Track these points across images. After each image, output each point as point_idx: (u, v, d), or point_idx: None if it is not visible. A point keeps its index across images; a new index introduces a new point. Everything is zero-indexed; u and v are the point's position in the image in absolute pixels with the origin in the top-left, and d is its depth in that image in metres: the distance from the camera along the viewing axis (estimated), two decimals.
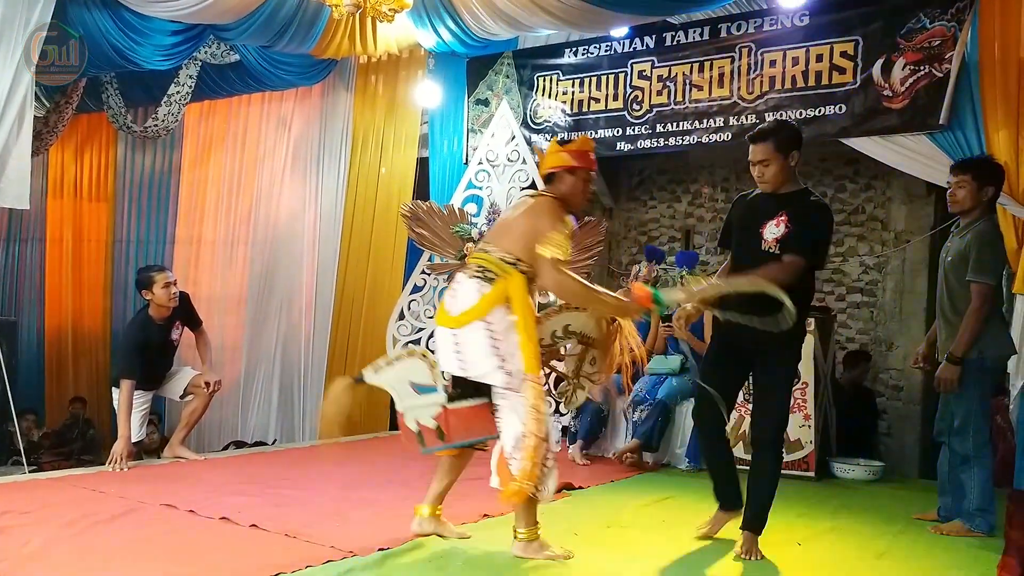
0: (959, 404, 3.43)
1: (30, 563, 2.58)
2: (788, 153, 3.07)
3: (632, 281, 5.30)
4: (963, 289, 3.41)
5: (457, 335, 2.81)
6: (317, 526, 3.11)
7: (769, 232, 3.05)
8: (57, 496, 3.55)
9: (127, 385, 4.30)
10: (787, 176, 3.10)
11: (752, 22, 5.58)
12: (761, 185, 3.15)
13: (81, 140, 8.39)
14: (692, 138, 5.81)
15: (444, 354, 2.88)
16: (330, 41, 6.06)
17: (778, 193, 3.11)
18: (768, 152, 3.07)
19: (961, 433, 3.42)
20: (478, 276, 2.83)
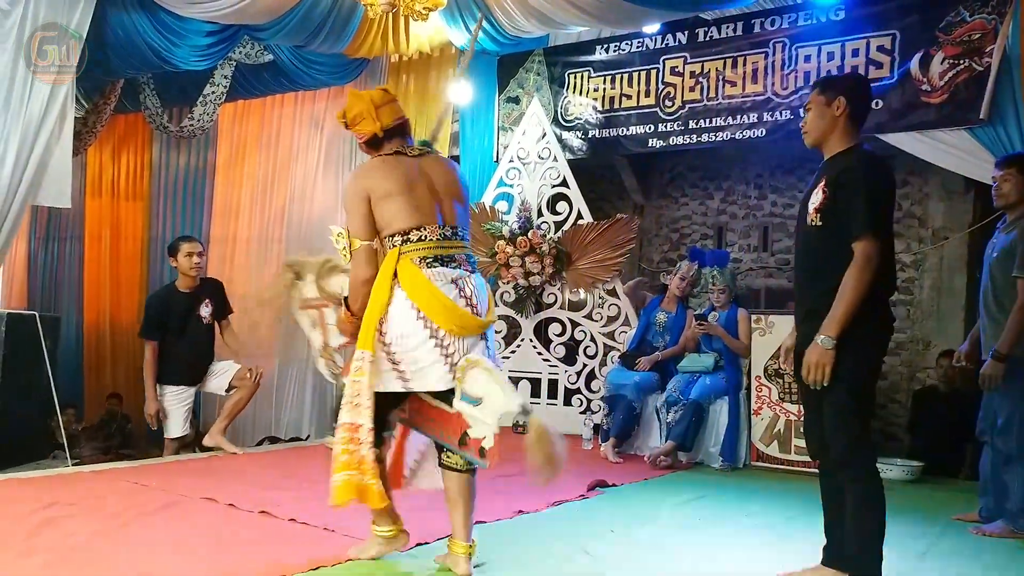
0: (1003, 402, 3.38)
1: (76, 554, 2.63)
2: (832, 100, 2.56)
3: (672, 279, 5.31)
4: (1009, 285, 3.36)
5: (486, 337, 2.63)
6: (355, 520, 3.13)
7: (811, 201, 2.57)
8: (101, 489, 3.62)
9: (150, 347, 4.47)
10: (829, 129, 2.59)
11: (786, 17, 5.53)
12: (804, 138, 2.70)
13: (118, 140, 8.54)
14: (725, 134, 5.77)
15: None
16: (363, 40, 6.11)
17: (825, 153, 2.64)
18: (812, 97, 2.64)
19: (1005, 432, 3.37)
20: (476, 268, 2.69)
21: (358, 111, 2.65)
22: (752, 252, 7.00)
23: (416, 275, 2.50)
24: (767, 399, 4.78)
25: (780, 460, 4.70)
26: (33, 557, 2.56)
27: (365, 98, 2.67)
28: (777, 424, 4.73)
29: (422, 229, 2.55)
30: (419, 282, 2.49)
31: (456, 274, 2.55)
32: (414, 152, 2.67)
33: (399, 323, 2.50)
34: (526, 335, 6.13)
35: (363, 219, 2.57)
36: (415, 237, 2.55)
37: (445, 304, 2.49)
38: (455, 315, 2.50)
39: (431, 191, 2.61)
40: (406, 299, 2.50)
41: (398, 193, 2.55)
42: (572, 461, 4.32)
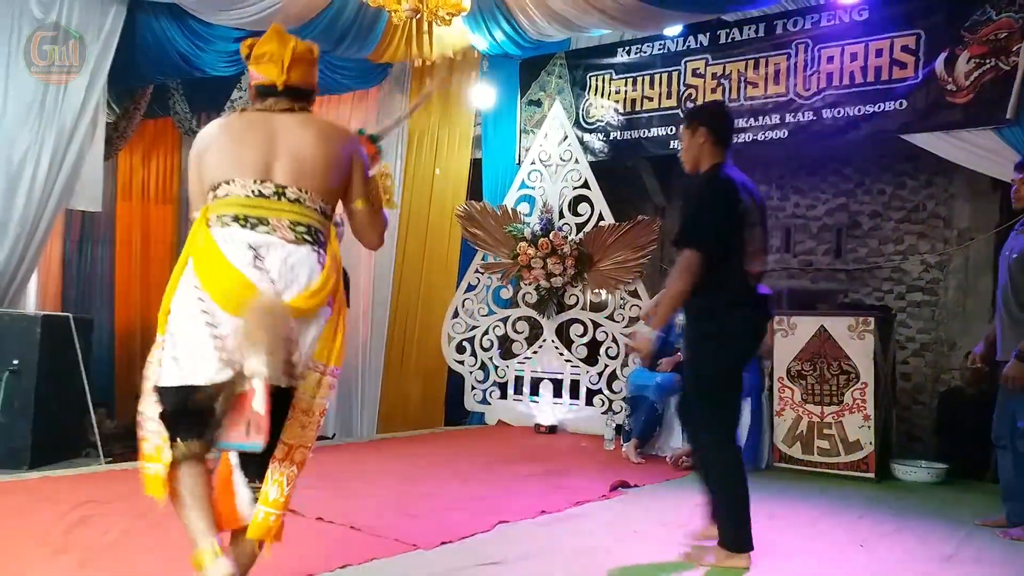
0: (1023, 404, 3.36)
1: (110, 552, 2.69)
2: (695, 130, 2.92)
3: None
4: None
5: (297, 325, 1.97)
6: (381, 519, 3.19)
7: None
8: (132, 487, 3.67)
9: None
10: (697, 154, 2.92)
11: (809, 18, 5.52)
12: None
13: (148, 145, 8.68)
14: (747, 136, 5.77)
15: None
16: (387, 45, 6.18)
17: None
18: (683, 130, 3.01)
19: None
20: (309, 241, 2.05)
21: (268, 50, 2.12)
22: (774, 253, 6.98)
23: (202, 234, 1.99)
24: (790, 400, 4.78)
25: (802, 461, 4.70)
26: (68, 554, 2.63)
27: (287, 42, 2.13)
28: (800, 425, 4.73)
29: (231, 183, 2.01)
30: (203, 244, 1.98)
31: (261, 239, 1.97)
32: (276, 107, 2.12)
33: (178, 300, 1.99)
34: (548, 336, 6.17)
35: (194, 184, 2.10)
36: (222, 192, 2.02)
37: (223, 270, 1.93)
38: (233, 286, 1.92)
39: (265, 144, 2.04)
40: (190, 268, 1.99)
41: (220, 145, 2.07)
42: (595, 461, 4.34)
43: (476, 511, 3.38)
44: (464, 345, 6.35)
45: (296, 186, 2.04)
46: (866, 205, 6.66)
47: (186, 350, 1.96)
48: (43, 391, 4.36)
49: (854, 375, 4.60)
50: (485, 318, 6.36)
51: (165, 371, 2.00)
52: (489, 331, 6.33)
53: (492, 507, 3.47)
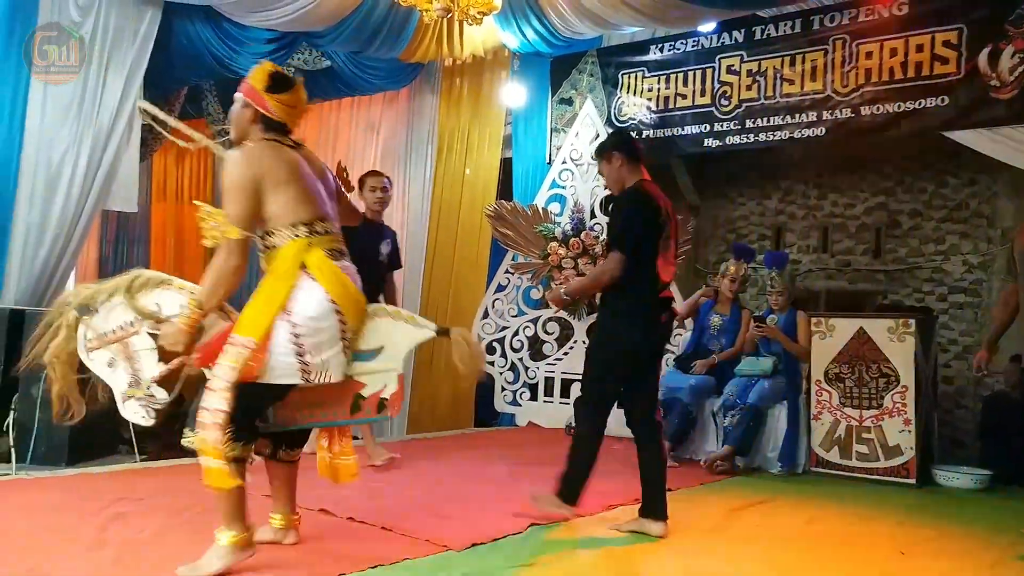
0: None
1: (144, 549, 2.72)
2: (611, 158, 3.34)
3: (721, 281, 5.20)
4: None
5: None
6: (411, 519, 3.18)
7: None
8: (166, 484, 3.73)
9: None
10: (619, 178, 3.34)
11: (847, 13, 5.42)
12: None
13: (182, 146, 8.80)
14: (783, 133, 5.68)
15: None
16: (418, 45, 6.18)
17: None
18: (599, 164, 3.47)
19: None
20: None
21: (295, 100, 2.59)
22: (811, 253, 6.86)
23: (331, 267, 2.48)
24: (827, 403, 4.68)
25: (840, 466, 4.59)
26: (104, 550, 2.66)
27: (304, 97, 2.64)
28: (838, 429, 4.63)
29: (325, 222, 2.55)
30: (336, 276, 2.48)
31: (353, 269, 2.59)
32: (291, 143, 2.60)
33: (315, 314, 2.43)
34: (578, 337, 6.12)
35: (248, 207, 2.44)
36: (321, 229, 2.52)
37: (356, 298, 2.54)
38: (360, 309, 2.56)
39: (319, 185, 2.59)
40: (323, 291, 2.45)
41: (292, 181, 2.48)
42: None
43: (507, 512, 3.35)
44: (494, 346, 6.33)
45: (337, 221, 2.63)
46: (906, 204, 6.52)
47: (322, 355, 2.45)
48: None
49: (894, 378, 4.50)
50: (515, 319, 6.33)
51: (286, 372, 2.43)
52: (519, 332, 6.30)
53: (523, 509, 3.44)
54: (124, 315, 2.67)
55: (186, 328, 2.49)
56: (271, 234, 2.49)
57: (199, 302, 2.49)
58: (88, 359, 2.71)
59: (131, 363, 2.69)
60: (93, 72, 5.39)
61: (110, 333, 2.68)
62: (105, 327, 2.68)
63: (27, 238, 5.13)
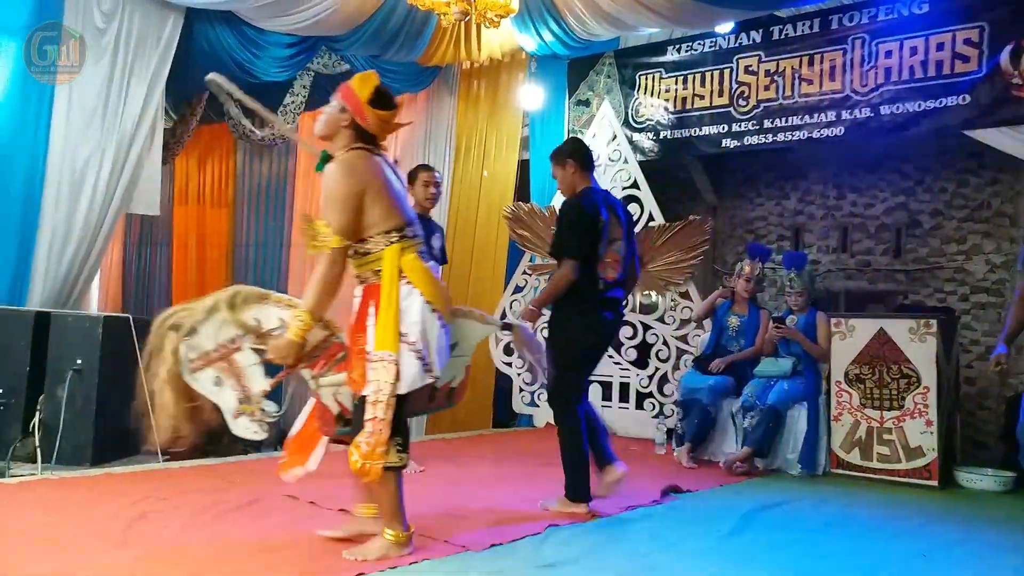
0: None
1: (167, 548, 2.75)
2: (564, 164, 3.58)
3: (737, 281, 5.19)
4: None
5: None
6: (430, 520, 3.19)
7: None
8: (189, 484, 3.78)
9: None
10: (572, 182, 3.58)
11: (866, 12, 5.39)
12: None
13: (204, 149, 8.90)
14: (802, 133, 5.65)
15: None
16: (436, 48, 6.22)
17: None
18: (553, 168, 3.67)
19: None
20: None
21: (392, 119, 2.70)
22: (831, 253, 6.82)
23: (425, 270, 2.62)
24: (847, 404, 4.65)
25: (861, 468, 4.56)
26: (128, 549, 2.70)
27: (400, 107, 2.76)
28: (858, 431, 4.59)
29: (412, 226, 2.66)
30: (428, 277, 2.62)
31: (438, 269, 2.85)
32: (379, 152, 2.72)
33: (421, 319, 2.56)
34: None
35: (352, 216, 2.55)
36: (410, 234, 2.64)
37: (446, 296, 2.69)
38: (449, 305, 2.72)
39: (402, 190, 2.74)
40: (420, 295, 2.57)
41: (386, 190, 2.60)
42: (646, 466, 4.31)
43: (526, 514, 3.37)
44: (512, 347, 6.34)
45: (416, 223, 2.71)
46: (926, 204, 6.46)
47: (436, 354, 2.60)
48: (104, 390, 4.47)
49: (915, 379, 4.46)
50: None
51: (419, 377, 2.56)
52: (537, 333, 6.28)
53: (542, 510, 3.45)
54: (225, 332, 2.69)
55: (297, 339, 2.58)
56: (365, 241, 2.59)
57: (309, 312, 2.58)
58: (194, 380, 2.69)
59: (239, 380, 2.71)
60: (116, 78, 5.47)
61: (212, 352, 2.68)
62: (207, 346, 2.68)
63: (52, 241, 5.21)
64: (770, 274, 6.93)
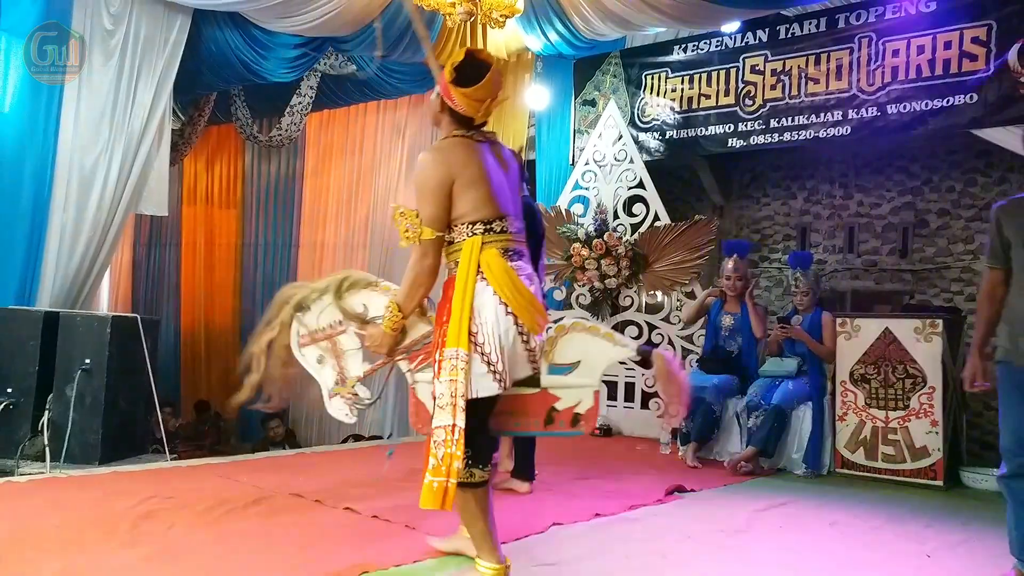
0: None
1: (174, 547, 2.78)
2: None
3: (721, 280, 5.18)
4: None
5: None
6: (434, 519, 3.20)
7: None
8: (196, 483, 3.81)
9: None
10: None
11: (873, 11, 5.37)
12: None
13: (212, 150, 8.95)
14: (808, 132, 5.64)
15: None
16: (442, 49, 6.23)
17: None
18: None
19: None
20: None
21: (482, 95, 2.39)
22: (837, 253, 6.80)
23: (504, 267, 2.36)
24: (853, 404, 4.64)
25: (866, 467, 4.55)
26: (136, 547, 2.72)
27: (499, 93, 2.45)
28: (863, 430, 4.59)
29: (503, 220, 2.41)
30: (507, 276, 2.35)
31: (529, 270, 2.45)
32: (480, 137, 2.48)
33: (493, 320, 2.33)
34: None
35: (441, 207, 2.38)
36: (497, 228, 2.40)
37: (530, 300, 2.38)
38: (536, 312, 2.40)
39: (503, 181, 2.47)
40: (494, 294, 2.34)
41: (479, 179, 2.39)
42: (650, 465, 4.30)
43: (530, 512, 3.38)
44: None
45: (518, 219, 2.50)
46: (934, 203, 6.43)
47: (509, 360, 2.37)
48: (113, 389, 4.51)
49: (920, 379, 4.45)
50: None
51: (484, 384, 2.33)
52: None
53: (546, 509, 3.46)
54: (334, 314, 2.71)
55: (388, 331, 2.50)
56: (451, 230, 2.42)
57: (398, 304, 2.48)
58: (300, 355, 2.74)
59: (339, 361, 2.72)
60: (125, 79, 5.51)
61: (319, 331, 2.73)
62: (316, 324, 2.73)
63: (61, 242, 5.25)
64: (776, 273, 6.93)
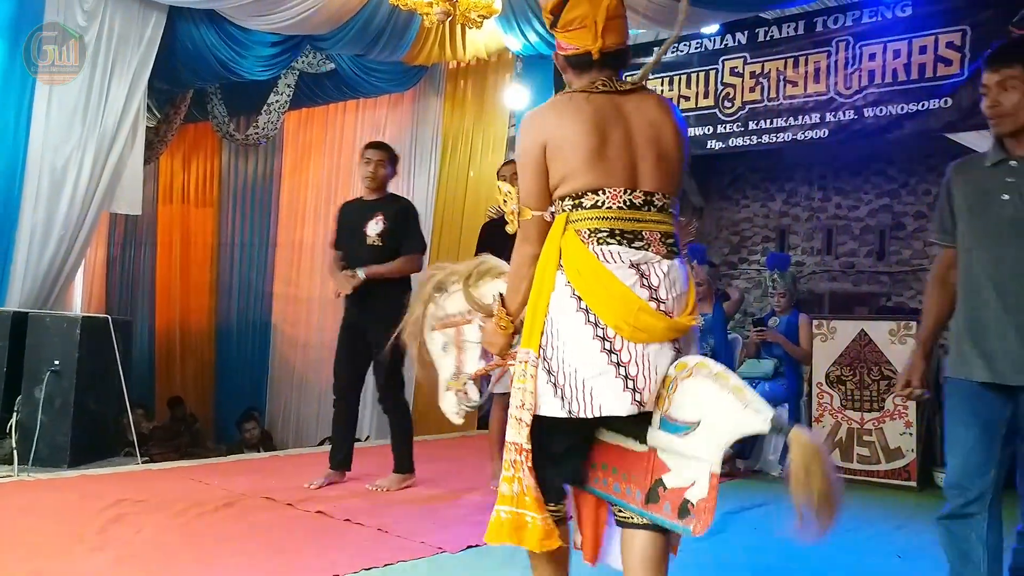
0: None
1: (144, 550, 2.74)
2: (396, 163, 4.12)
3: None
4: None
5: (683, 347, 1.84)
6: (408, 522, 3.19)
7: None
8: (167, 486, 3.76)
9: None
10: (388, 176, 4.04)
11: (850, 15, 5.39)
12: None
13: (188, 149, 8.86)
14: (787, 135, 5.66)
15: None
16: (421, 48, 6.20)
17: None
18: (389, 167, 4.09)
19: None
20: (676, 252, 1.87)
21: (580, 13, 1.86)
22: (815, 255, 6.84)
23: (582, 253, 1.79)
24: (828, 406, 4.66)
25: (841, 469, 4.56)
26: (105, 552, 2.68)
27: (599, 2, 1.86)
28: (839, 432, 4.61)
29: (601, 192, 1.80)
30: (585, 262, 1.78)
31: (640, 256, 1.79)
32: (621, 87, 1.88)
33: (556, 318, 1.80)
34: None
35: (536, 178, 1.86)
36: (588, 203, 1.81)
37: (616, 294, 1.75)
38: (630, 311, 1.74)
39: (627, 142, 1.83)
40: (567, 285, 1.79)
41: (579, 142, 1.80)
42: None
43: None
44: None
45: (662, 192, 1.85)
46: (910, 206, 6.49)
47: (577, 376, 1.76)
48: (83, 391, 4.44)
49: (895, 381, 4.47)
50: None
51: (545, 397, 1.79)
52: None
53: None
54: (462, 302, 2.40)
55: (497, 328, 2.00)
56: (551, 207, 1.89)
57: (503, 298, 1.99)
58: (429, 339, 2.45)
59: (459, 353, 2.40)
60: (98, 76, 5.43)
61: (450, 317, 2.43)
62: (449, 309, 2.44)
63: (31, 241, 5.16)
64: (755, 275, 6.96)
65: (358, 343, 3.87)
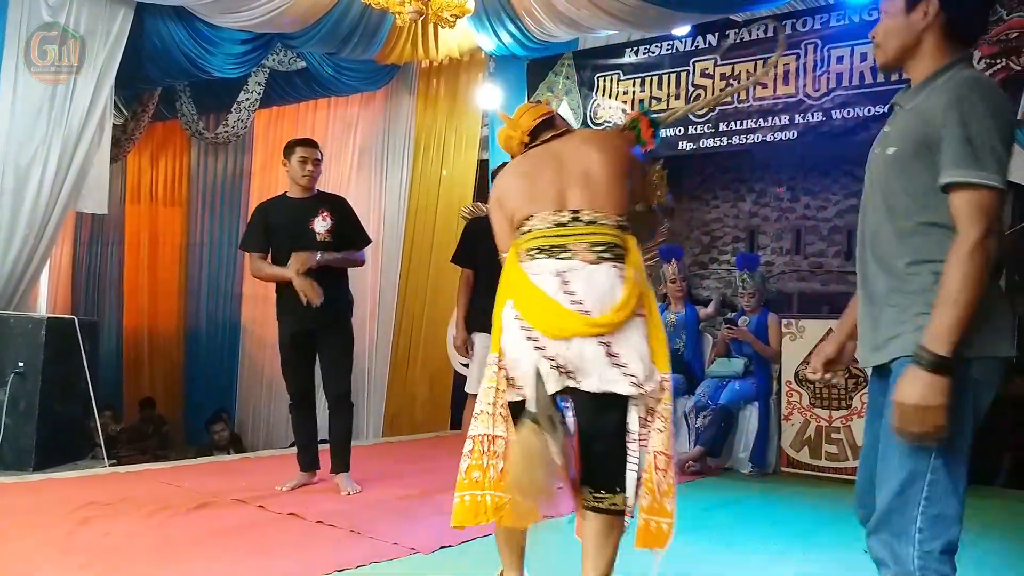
0: None
1: (112, 554, 2.70)
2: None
3: (665, 284, 5.31)
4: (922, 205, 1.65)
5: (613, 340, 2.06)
6: (381, 523, 3.18)
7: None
8: (136, 489, 3.71)
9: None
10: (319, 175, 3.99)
11: (818, 18, 5.47)
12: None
13: (156, 147, 8.73)
14: (756, 136, 5.73)
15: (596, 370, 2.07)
16: (393, 47, 6.18)
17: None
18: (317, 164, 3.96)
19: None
20: (608, 258, 2.11)
21: (504, 136, 2.42)
22: (784, 255, 6.92)
23: (514, 271, 2.15)
24: (797, 404, 4.73)
25: (810, 466, 4.64)
26: (72, 556, 2.64)
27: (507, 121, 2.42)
28: (808, 430, 4.68)
29: (532, 218, 2.17)
30: (515, 278, 2.14)
31: (564, 265, 2.08)
32: (548, 136, 2.33)
33: (506, 332, 2.13)
34: None
35: (500, 226, 2.29)
36: (525, 228, 2.18)
37: (537, 300, 2.07)
38: (548, 313, 2.04)
39: (557, 175, 2.19)
40: (508, 301, 2.15)
41: (516, 185, 2.25)
42: None
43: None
44: None
45: (591, 208, 2.15)
46: None
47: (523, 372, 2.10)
48: (48, 393, 4.37)
49: (863, 379, 4.55)
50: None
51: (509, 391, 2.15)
52: None
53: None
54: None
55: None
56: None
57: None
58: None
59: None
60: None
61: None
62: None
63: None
64: (725, 275, 7.02)
65: (305, 347, 3.84)
